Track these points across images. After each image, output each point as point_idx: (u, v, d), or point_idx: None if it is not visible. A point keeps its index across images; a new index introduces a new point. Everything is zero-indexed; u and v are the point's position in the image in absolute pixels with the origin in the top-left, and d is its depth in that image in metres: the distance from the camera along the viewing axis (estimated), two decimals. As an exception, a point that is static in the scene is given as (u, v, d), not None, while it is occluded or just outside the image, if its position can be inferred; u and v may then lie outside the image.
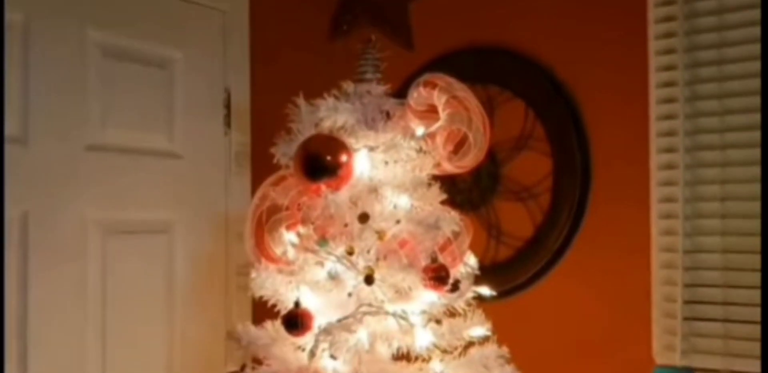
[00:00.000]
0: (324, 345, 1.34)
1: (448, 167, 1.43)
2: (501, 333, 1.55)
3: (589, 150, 2.15)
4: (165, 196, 2.17)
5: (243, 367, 1.43)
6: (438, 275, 1.39)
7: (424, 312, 1.42)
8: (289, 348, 1.45)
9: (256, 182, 1.51)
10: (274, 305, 1.49)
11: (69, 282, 1.95)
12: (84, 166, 2.00)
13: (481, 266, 1.58)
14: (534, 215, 2.22)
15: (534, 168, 2.22)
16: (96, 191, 2.01)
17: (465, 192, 2.26)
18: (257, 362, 1.44)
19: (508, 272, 2.22)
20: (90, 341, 1.98)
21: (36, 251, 1.88)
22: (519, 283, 2.23)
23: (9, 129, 1.84)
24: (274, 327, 1.46)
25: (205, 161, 2.27)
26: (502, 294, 2.20)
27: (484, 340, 1.53)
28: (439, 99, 1.36)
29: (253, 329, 1.46)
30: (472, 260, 1.54)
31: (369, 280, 1.38)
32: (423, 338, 1.39)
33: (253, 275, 1.45)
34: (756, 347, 1.90)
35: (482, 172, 2.26)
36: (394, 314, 1.39)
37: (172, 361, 2.14)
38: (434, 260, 1.40)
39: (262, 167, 1.53)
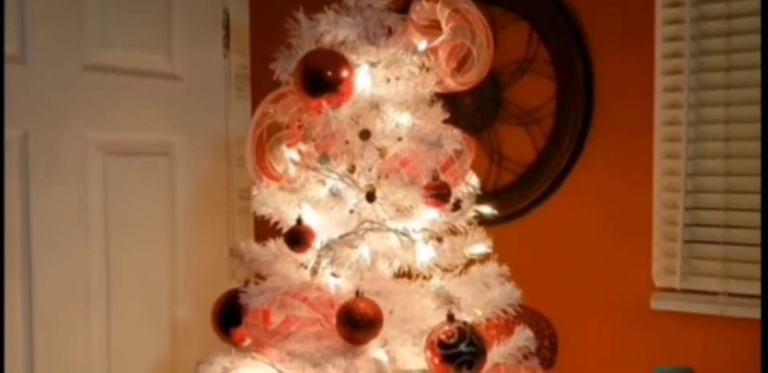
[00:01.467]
0: (326, 261, 1.35)
1: (451, 84, 1.40)
2: (502, 258, 1.56)
3: (593, 73, 2.13)
4: (164, 118, 2.16)
5: (246, 283, 1.43)
6: (439, 193, 1.39)
7: (425, 230, 1.42)
8: (292, 265, 1.46)
9: (256, 107, 1.49)
10: (275, 226, 1.50)
11: (71, 203, 1.96)
12: (83, 87, 1.98)
13: (483, 192, 1.57)
14: (536, 139, 2.21)
15: (537, 92, 2.20)
16: (95, 112, 2.00)
17: (467, 116, 2.25)
18: (260, 278, 1.45)
19: (510, 198, 2.22)
20: (93, 263, 2.00)
21: (37, 172, 1.88)
22: (520, 208, 2.24)
23: (7, 48, 1.81)
24: (276, 245, 1.47)
25: (204, 84, 2.25)
26: (504, 219, 2.22)
27: (485, 259, 1.54)
28: (441, 12, 1.33)
29: (255, 246, 1.47)
30: (473, 180, 1.53)
31: (370, 197, 1.37)
32: (424, 254, 1.39)
33: (255, 192, 1.44)
34: (754, 269, 1.92)
35: (484, 96, 2.24)
36: (395, 231, 1.39)
37: (175, 281, 2.17)
38: (436, 177, 1.40)
39: (262, 92, 1.50)
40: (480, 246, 1.48)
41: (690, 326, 2.00)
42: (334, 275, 1.44)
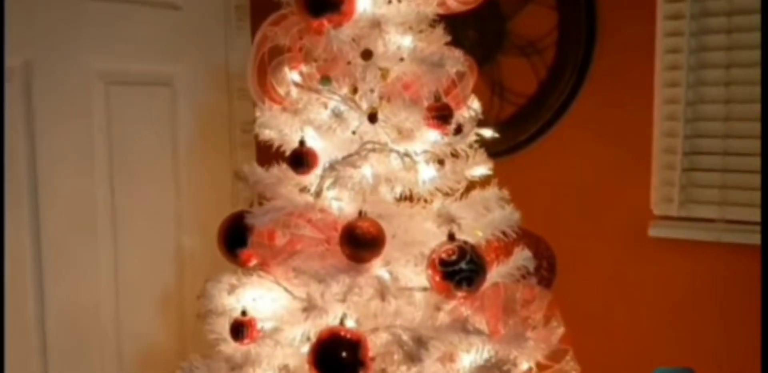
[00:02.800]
0: (329, 181, 1.37)
1: (453, 4, 1.40)
2: (503, 188, 1.58)
3: (595, 3, 2.11)
4: (165, 47, 2.15)
5: (251, 205, 1.46)
6: (441, 114, 1.40)
7: (426, 152, 1.44)
8: (295, 189, 1.48)
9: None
10: (278, 153, 1.51)
11: (75, 132, 1.97)
12: (84, 15, 1.97)
13: (484, 124, 1.58)
14: (538, 70, 2.21)
15: (539, 22, 2.19)
16: (97, 41, 1.99)
17: (469, 49, 2.23)
18: (265, 201, 1.47)
19: (511, 130, 2.23)
20: (99, 192, 2.02)
21: (40, 101, 1.89)
22: (521, 140, 2.25)
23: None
24: (279, 169, 1.49)
25: (204, 13, 2.23)
26: (505, 152, 2.24)
27: (485, 183, 1.56)
28: (442, -70, 1.32)
29: (259, 169, 1.49)
30: (475, 104, 1.54)
31: (372, 118, 1.39)
32: (426, 174, 1.42)
33: (257, 114, 1.46)
34: (752, 196, 1.94)
35: (487, 28, 2.23)
36: (397, 152, 1.40)
37: (180, 211, 2.19)
38: (438, 99, 1.41)
39: (262, 23, 1.50)
40: (481, 168, 1.51)
41: (686, 253, 2.04)
42: (337, 199, 1.47)
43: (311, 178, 1.46)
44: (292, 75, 1.43)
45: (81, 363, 1.97)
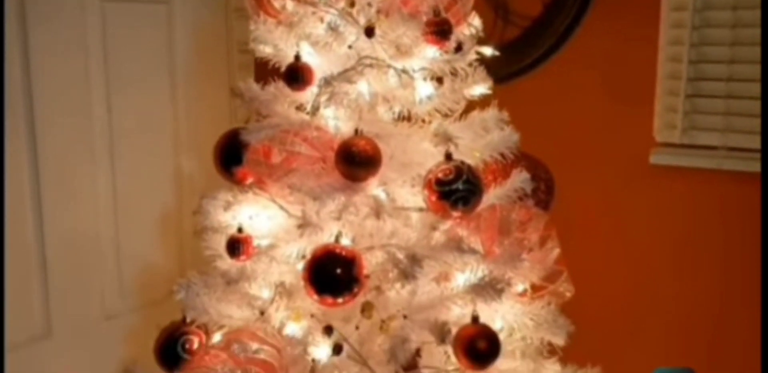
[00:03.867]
0: (324, 97, 1.35)
1: None
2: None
3: None
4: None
5: (247, 121, 1.44)
6: (440, 29, 1.37)
7: (424, 69, 1.41)
8: (291, 106, 1.46)
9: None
10: (275, 71, 1.48)
11: (71, 50, 1.93)
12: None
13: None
14: (543, -8, 2.16)
15: (546, -58, 2.13)
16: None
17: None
18: (261, 118, 1.45)
19: (515, 54, 2.20)
20: (95, 113, 1.99)
21: (35, 19, 1.84)
22: (524, 65, 2.22)
23: None
24: (276, 86, 1.46)
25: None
26: (508, 77, 2.21)
27: (485, 104, 1.54)
28: None
29: (255, 85, 1.46)
30: (476, 21, 1.50)
31: (369, 32, 1.35)
32: (423, 90, 1.39)
33: (252, 28, 1.42)
34: (754, 123, 1.92)
35: (492, -53, 2.17)
36: (394, 68, 1.38)
37: (178, 132, 2.17)
38: (437, 14, 1.37)
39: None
40: (480, 87, 1.48)
41: (687, 180, 2.03)
42: (334, 118, 1.45)
43: (307, 96, 1.44)
44: (288, -13, 1.39)
45: (81, 286, 1.99)
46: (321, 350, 1.34)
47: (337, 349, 1.33)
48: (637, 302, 2.11)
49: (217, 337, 1.44)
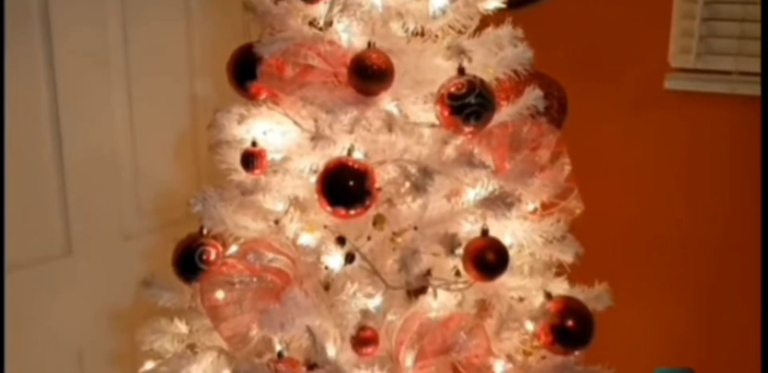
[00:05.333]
0: (337, 8, 1.35)
1: None
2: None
3: None
4: None
5: (260, 37, 1.44)
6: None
7: (438, -19, 1.40)
8: (305, 21, 1.46)
9: None
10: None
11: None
12: None
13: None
14: None
15: None
16: None
17: None
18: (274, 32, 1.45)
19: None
20: (111, 35, 1.99)
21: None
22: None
23: None
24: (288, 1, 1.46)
25: None
26: (523, 2, 2.18)
27: (499, 21, 1.53)
28: None
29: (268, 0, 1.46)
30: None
31: (383, -56, 1.34)
32: (437, 2, 1.39)
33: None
34: (771, 47, 1.91)
35: None
36: (408, -21, 1.37)
37: (192, 56, 2.17)
38: (451, -76, 1.36)
39: None
40: (494, 1, 1.47)
41: (701, 104, 2.03)
42: (346, 32, 1.45)
43: (320, 10, 1.44)
44: None
45: (100, 206, 2.02)
46: (334, 259, 1.37)
47: (349, 258, 1.37)
48: (645, 222, 2.13)
49: (233, 248, 1.48)
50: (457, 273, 1.49)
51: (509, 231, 1.51)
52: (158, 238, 2.08)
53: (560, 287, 1.62)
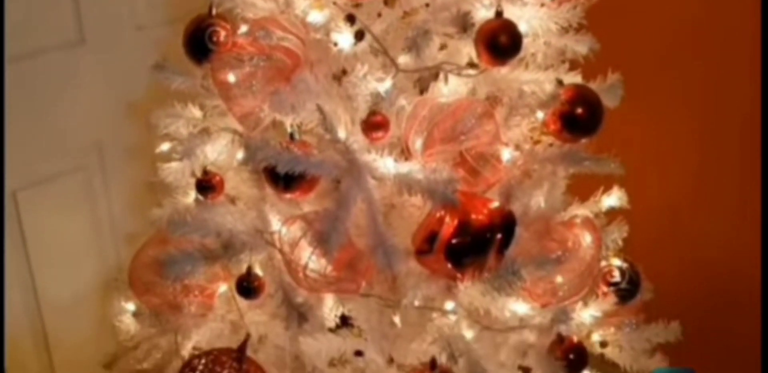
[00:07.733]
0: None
1: None
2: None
3: None
4: None
5: None
6: None
7: None
8: None
9: None
10: None
11: None
12: None
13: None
14: None
15: None
16: None
17: None
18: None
19: None
20: None
21: None
22: None
23: None
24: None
25: None
26: None
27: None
28: None
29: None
30: None
31: None
32: None
33: None
34: None
35: None
36: None
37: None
38: None
39: None
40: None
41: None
42: None
43: None
44: None
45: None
46: (344, 37, 1.35)
47: (359, 35, 1.34)
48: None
49: (243, 29, 1.46)
50: (471, 65, 1.48)
51: (524, 18, 1.48)
52: (171, 31, 2.05)
53: (573, 80, 1.61)
